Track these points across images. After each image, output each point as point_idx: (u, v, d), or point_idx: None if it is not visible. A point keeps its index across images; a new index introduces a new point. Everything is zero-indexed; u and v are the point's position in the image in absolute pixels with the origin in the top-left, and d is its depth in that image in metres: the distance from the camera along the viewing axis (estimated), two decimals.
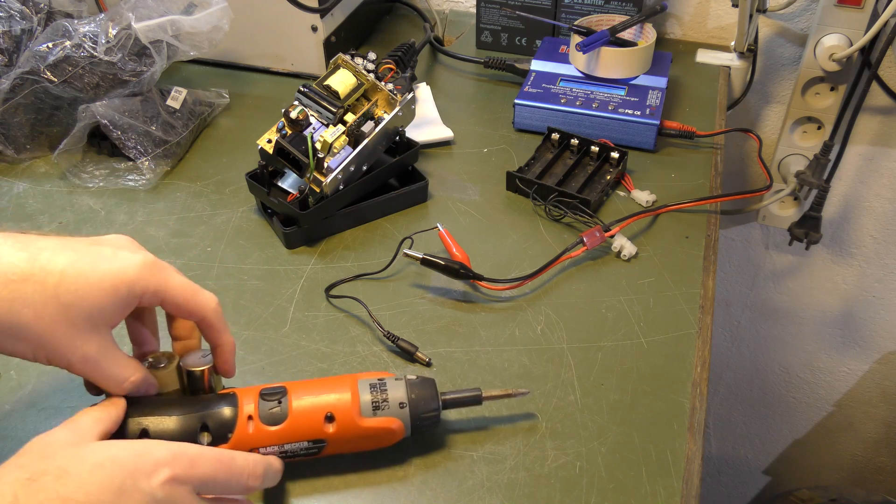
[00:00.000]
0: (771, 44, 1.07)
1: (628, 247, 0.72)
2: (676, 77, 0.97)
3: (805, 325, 1.35)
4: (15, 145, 0.82)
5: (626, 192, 0.80)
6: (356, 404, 0.50)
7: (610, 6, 0.95)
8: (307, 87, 0.73)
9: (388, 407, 0.51)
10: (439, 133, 0.87)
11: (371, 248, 0.73)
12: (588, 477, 0.54)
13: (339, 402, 0.50)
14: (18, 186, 0.81)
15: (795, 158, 1.09)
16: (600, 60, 0.87)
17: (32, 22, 0.82)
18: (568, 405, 0.59)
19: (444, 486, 0.53)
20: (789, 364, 1.41)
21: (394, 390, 0.52)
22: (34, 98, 0.80)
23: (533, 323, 0.66)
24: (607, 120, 0.84)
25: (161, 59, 0.82)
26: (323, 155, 0.70)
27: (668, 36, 1.10)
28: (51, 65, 0.78)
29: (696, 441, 0.56)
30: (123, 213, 0.77)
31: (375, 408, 0.51)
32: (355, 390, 0.51)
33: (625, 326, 0.65)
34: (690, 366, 0.62)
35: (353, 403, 0.50)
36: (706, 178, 0.82)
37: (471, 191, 0.80)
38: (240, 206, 0.78)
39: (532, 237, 0.74)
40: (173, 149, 0.83)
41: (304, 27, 0.93)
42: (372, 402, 0.51)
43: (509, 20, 1.02)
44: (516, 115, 0.88)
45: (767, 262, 1.29)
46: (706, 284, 0.69)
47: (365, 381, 0.52)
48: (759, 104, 1.13)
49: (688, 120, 0.87)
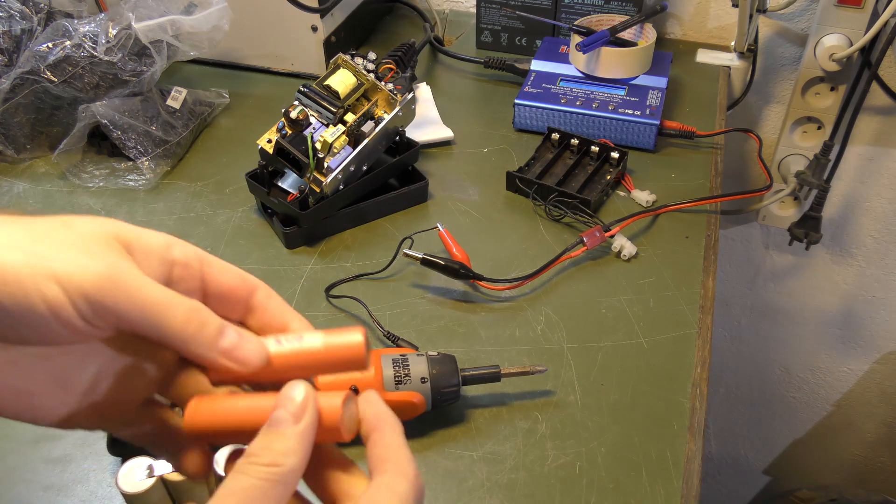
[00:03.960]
0: (771, 44, 1.07)
1: (628, 247, 0.72)
2: (676, 77, 0.97)
3: (805, 325, 1.34)
4: (15, 145, 0.82)
5: (626, 192, 0.80)
6: (379, 378, 0.53)
7: (610, 6, 0.95)
8: (307, 87, 0.73)
9: (409, 381, 0.54)
10: (439, 133, 0.87)
11: (371, 248, 0.73)
12: (588, 477, 0.54)
13: (362, 376, 0.53)
14: (18, 186, 0.81)
15: (795, 158, 1.09)
16: (600, 60, 0.87)
17: (32, 22, 0.82)
18: (568, 405, 0.59)
19: (444, 485, 0.53)
20: (789, 364, 1.41)
21: (416, 365, 0.54)
22: (34, 98, 0.80)
23: (533, 323, 0.66)
24: (607, 120, 0.84)
25: (161, 59, 0.82)
26: (323, 155, 0.70)
27: (668, 36, 1.10)
28: (51, 65, 0.78)
29: (696, 441, 0.56)
30: (123, 213, 0.77)
31: (398, 382, 0.53)
32: (378, 365, 0.54)
33: (625, 326, 0.65)
34: (690, 366, 0.62)
35: (377, 377, 0.53)
36: (706, 178, 0.82)
37: (471, 191, 0.80)
38: (240, 206, 0.78)
39: (532, 237, 0.74)
40: (173, 149, 0.83)
41: (305, 27, 0.93)
42: (395, 377, 0.53)
43: (509, 20, 1.02)
44: (516, 115, 0.88)
45: (767, 261, 1.29)
46: (706, 284, 0.69)
47: (388, 357, 0.54)
48: (759, 104, 1.13)
49: (688, 120, 0.87)
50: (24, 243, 0.30)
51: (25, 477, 0.54)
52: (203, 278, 0.34)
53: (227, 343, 0.33)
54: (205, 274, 0.34)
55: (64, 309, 0.29)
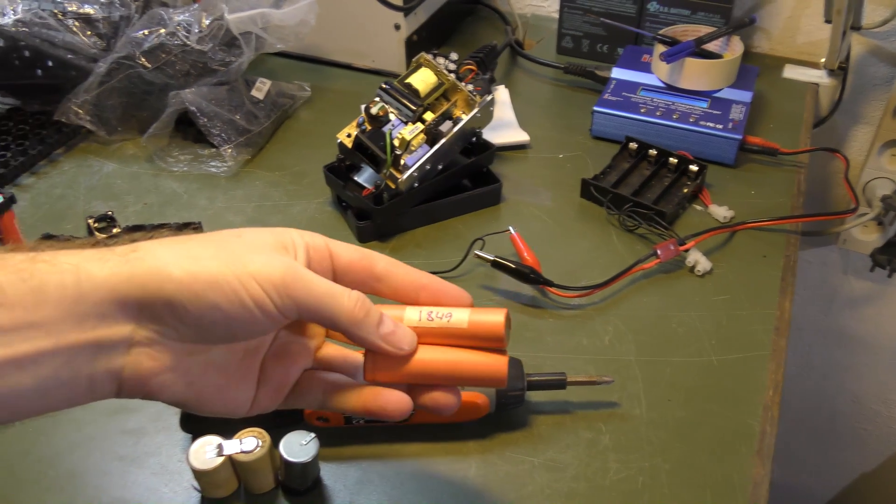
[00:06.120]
0: (863, 62, 1.03)
1: (703, 262, 0.70)
2: (762, 92, 0.95)
3: (881, 355, 1.29)
4: (107, 127, 0.86)
5: (703, 207, 0.78)
6: None
7: (696, 17, 0.94)
8: (389, 85, 0.74)
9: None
10: (515, 136, 0.87)
11: (441, 246, 0.74)
12: (650, 493, 0.53)
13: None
14: (108, 166, 0.84)
15: (882, 182, 1.05)
16: (684, 71, 0.86)
17: (130, 9, 0.85)
18: (633, 418, 0.58)
19: (502, 489, 0.53)
20: (861, 394, 1.36)
21: None
22: (128, 82, 0.83)
23: (601, 333, 0.65)
24: (687, 132, 0.83)
25: (249, 51, 0.84)
26: (400, 152, 0.71)
27: (755, 49, 1.08)
28: (146, 51, 0.81)
29: (764, 466, 0.55)
30: (204, 198, 0.80)
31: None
32: None
33: (695, 343, 0.64)
34: (762, 388, 0.60)
35: None
36: (787, 196, 0.80)
37: (544, 196, 0.80)
38: (315, 198, 0.80)
39: (604, 246, 0.74)
40: (255, 138, 0.85)
41: (388, 25, 0.94)
42: None
43: (592, 26, 1.01)
44: (594, 123, 0.87)
45: (845, 287, 1.24)
46: (783, 306, 0.67)
47: None
48: (847, 124, 1.09)
49: (771, 136, 0.85)
50: (213, 254, 0.35)
51: (102, 446, 0.56)
52: (331, 257, 0.39)
53: (385, 329, 0.38)
54: (331, 252, 0.39)
55: (265, 303, 0.35)
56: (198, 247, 0.35)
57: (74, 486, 0.53)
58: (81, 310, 0.32)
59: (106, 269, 0.33)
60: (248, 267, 0.35)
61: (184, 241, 0.36)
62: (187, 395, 0.36)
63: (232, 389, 0.38)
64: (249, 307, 0.34)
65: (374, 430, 0.57)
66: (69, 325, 0.32)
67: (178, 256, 0.34)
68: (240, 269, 0.34)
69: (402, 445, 0.56)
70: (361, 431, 0.57)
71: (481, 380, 0.40)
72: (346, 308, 0.37)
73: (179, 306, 0.34)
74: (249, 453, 0.50)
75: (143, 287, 0.33)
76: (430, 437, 0.56)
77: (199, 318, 0.34)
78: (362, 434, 0.56)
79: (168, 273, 0.33)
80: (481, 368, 0.39)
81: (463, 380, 0.40)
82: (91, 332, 0.33)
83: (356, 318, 0.37)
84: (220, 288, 0.34)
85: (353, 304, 0.37)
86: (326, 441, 0.53)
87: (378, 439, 0.56)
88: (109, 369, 0.34)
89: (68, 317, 0.32)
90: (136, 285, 0.33)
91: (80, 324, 0.32)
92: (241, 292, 0.34)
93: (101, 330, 0.33)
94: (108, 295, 0.33)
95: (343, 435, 0.56)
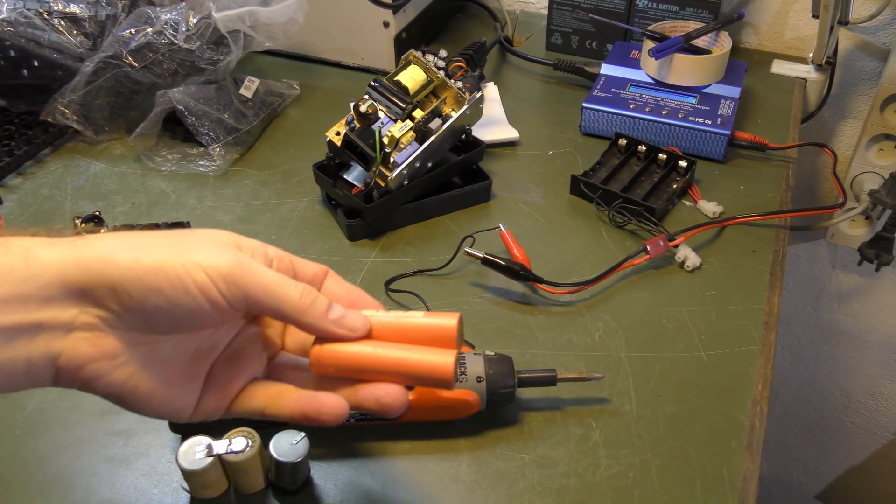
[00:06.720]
0: (850, 57, 1.04)
1: (692, 258, 0.71)
2: (750, 87, 0.95)
3: (869, 349, 1.30)
4: (94, 126, 0.85)
5: (693, 202, 0.78)
6: None
7: (685, 12, 0.94)
8: (378, 82, 0.74)
9: (465, 380, 0.54)
10: (505, 133, 0.87)
11: (432, 244, 0.74)
12: (641, 488, 0.53)
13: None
14: (95, 166, 0.84)
15: (870, 176, 1.05)
16: (673, 67, 0.86)
17: (117, 8, 0.85)
18: (623, 414, 0.58)
19: (494, 486, 0.53)
20: (850, 388, 1.37)
21: (472, 364, 0.54)
22: (115, 82, 0.83)
23: (591, 329, 0.65)
24: (677, 128, 0.83)
25: (237, 49, 0.84)
26: (390, 150, 0.71)
27: (743, 45, 1.08)
28: (133, 50, 0.81)
29: (753, 460, 0.55)
30: (193, 198, 0.79)
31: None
32: None
33: (685, 338, 0.64)
34: (751, 383, 0.60)
35: None
36: (776, 191, 0.80)
37: (534, 192, 0.80)
38: (305, 197, 0.80)
39: (594, 243, 0.74)
40: (244, 137, 0.85)
41: (377, 22, 0.94)
42: None
43: (581, 23, 1.01)
44: (584, 119, 0.87)
45: (833, 281, 1.25)
46: (772, 301, 0.68)
47: None
48: (834, 119, 1.10)
49: (760, 132, 0.85)
50: (162, 244, 0.36)
51: (90, 448, 0.56)
52: (294, 269, 0.40)
53: (335, 314, 0.39)
54: (294, 264, 0.41)
55: (210, 290, 0.35)
56: (148, 238, 0.36)
57: (63, 489, 0.53)
58: (27, 291, 0.33)
59: (54, 253, 0.34)
60: (194, 256, 0.35)
61: (136, 234, 0.37)
62: (125, 388, 0.36)
63: (175, 389, 0.38)
64: (193, 293, 0.35)
65: (365, 429, 0.57)
66: (13, 306, 0.33)
67: (125, 245, 0.35)
68: (186, 257, 0.35)
69: (393, 444, 0.56)
70: (352, 430, 0.56)
71: (427, 376, 0.39)
72: (292, 297, 0.38)
73: (122, 291, 0.34)
74: (239, 453, 0.49)
75: (87, 271, 0.34)
76: (421, 435, 0.56)
77: (142, 302, 0.34)
78: (353, 433, 0.56)
79: (113, 258, 0.34)
80: (427, 365, 0.39)
81: (408, 375, 0.40)
82: (34, 313, 0.33)
83: (303, 306, 0.38)
84: (164, 273, 0.34)
85: (299, 293, 0.38)
86: (316, 440, 0.53)
87: (369, 438, 0.56)
88: (48, 352, 0.34)
89: (13, 297, 0.33)
90: (81, 269, 0.34)
91: (24, 304, 0.33)
92: (185, 278, 0.35)
93: (43, 312, 0.33)
94: (55, 278, 0.33)
95: (333, 434, 0.56)
